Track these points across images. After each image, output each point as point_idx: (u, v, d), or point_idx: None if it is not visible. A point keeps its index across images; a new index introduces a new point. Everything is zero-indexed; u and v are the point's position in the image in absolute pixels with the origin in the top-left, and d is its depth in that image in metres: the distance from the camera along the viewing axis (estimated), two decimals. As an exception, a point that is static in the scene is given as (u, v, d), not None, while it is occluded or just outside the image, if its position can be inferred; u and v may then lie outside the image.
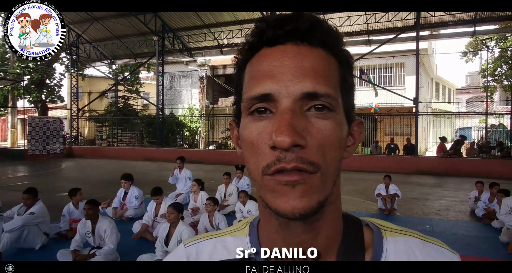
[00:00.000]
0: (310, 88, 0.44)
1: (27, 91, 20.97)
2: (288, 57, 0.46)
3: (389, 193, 6.70)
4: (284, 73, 0.45)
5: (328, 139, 0.45)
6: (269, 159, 0.44)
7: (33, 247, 4.42)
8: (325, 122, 0.45)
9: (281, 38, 0.47)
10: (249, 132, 0.47)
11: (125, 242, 4.58)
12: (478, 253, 4.53)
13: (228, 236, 0.58)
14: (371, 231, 0.55)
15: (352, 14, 14.72)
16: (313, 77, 0.45)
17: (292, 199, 0.43)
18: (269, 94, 0.45)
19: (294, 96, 0.44)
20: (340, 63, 0.50)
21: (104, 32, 19.19)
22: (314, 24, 0.48)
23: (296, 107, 0.44)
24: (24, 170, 13.66)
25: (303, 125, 0.44)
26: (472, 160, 12.44)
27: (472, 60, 22.30)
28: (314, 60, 0.46)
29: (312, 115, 0.45)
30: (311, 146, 0.44)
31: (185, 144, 21.66)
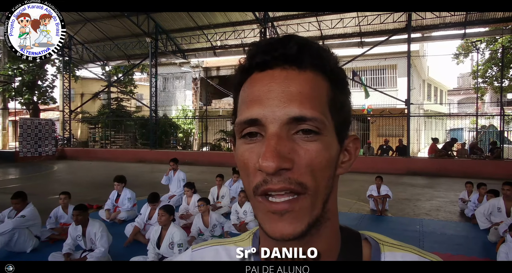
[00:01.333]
0: (296, 113, 0.45)
1: (18, 93, 20.79)
2: (276, 82, 0.47)
3: (380, 194, 6.76)
4: (271, 98, 0.46)
5: (316, 160, 0.46)
6: (257, 180, 0.46)
7: (24, 251, 4.38)
8: (312, 144, 0.46)
9: (270, 63, 0.48)
10: (241, 153, 0.49)
11: (118, 244, 4.57)
12: (468, 252, 4.60)
13: (232, 245, 0.59)
14: (370, 246, 0.55)
15: (345, 16, 14.84)
16: (299, 101, 0.46)
17: (280, 226, 0.45)
18: (256, 119, 0.47)
19: (280, 121, 0.46)
20: (332, 83, 0.51)
21: (97, 33, 19.10)
22: (303, 47, 0.48)
23: (282, 132, 0.46)
24: (15, 173, 13.54)
25: (290, 148, 0.45)
26: (462, 161, 12.59)
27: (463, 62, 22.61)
28: (301, 84, 0.47)
29: (299, 138, 0.46)
30: (299, 167, 0.45)
31: (178, 146, 21.61)
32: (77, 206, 4.08)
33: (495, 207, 5.26)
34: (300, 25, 15.62)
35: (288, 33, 0.52)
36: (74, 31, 19.11)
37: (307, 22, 15.49)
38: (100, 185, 9.71)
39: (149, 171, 13.57)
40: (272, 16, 15.63)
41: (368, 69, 19.30)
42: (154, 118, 17.89)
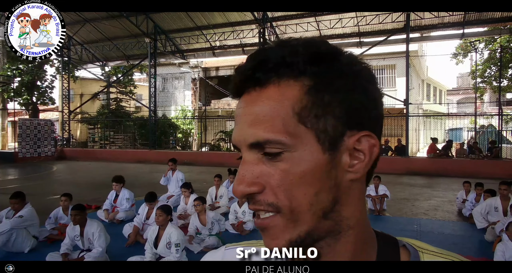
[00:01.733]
0: (252, 138, 0.44)
1: (17, 93, 20.80)
2: (242, 107, 0.47)
3: (378, 194, 6.78)
4: (239, 124, 0.47)
5: (285, 180, 0.44)
6: None
7: (22, 251, 4.40)
8: (278, 164, 0.44)
9: (239, 91, 0.48)
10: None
11: (116, 245, 4.59)
12: (464, 252, 4.61)
13: (262, 246, 0.57)
14: (408, 253, 0.52)
15: (343, 16, 14.86)
16: (256, 125, 0.44)
17: (267, 240, 0.47)
18: (235, 145, 0.48)
19: (245, 146, 0.46)
20: (311, 84, 0.45)
21: (96, 34, 19.11)
22: (256, 64, 0.45)
23: (251, 156, 0.45)
24: (14, 173, 13.55)
25: (259, 172, 0.45)
26: (461, 161, 12.62)
27: (462, 61, 22.64)
28: (259, 105, 0.45)
29: (267, 159, 0.45)
30: (271, 188, 0.44)
31: (177, 146, 21.63)
32: (75, 206, 4.09)
33: (492, 207, 5.29)
34: (299, 25, 15.64)
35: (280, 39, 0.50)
36: (73, 31, 19.12)
37: (305, 22, 15.51)
38: (99, 185, 9.72)
39: (148, 172, 13.59)
40: (271, 16, 15.66)
41: (367, 69, 19.30)
42: (153, 118, 17.90)
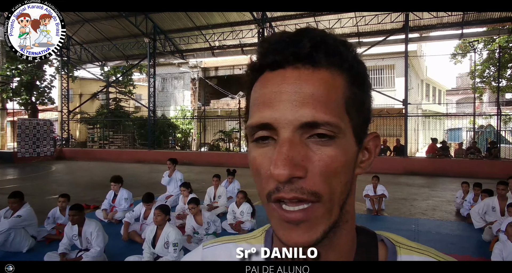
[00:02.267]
0: (309, 117, 0.43)
1: (16, 93, 20.79)
2: (287, 83, 0.44)
3: (376, 194, 6.79)
4: (283, 101, 0.44)
5: (331, 166, 0.43)
6: (270, 187, 0.44)
7: (20, 250, 4.40)
8: (327, 149, 0.43)
9: (282, 62, 0.45)
10: (253, 157, 0.46)
11: (114, 244, 4.60)
12: (461, 251, 4.63)
13: (243, 242, 0.58)
14: (386, 248, 0.53)
15: (343, 16, 14.88)
16: (312, 105, 0.43)
17: (295, 235, 0.44)
18: (267, 124, 0.44)
19: (292, 126, 0.43)
20: (350, 80, 0.47)
21: (95, 33, 19.12)
22: (317, 44, 0.45)
23: (295, 137, 0.43)
24: (13, 173, 13.55)
25: (303, 154, 0.43)
26: (460, 161, 12.63)
27: (461, 62, 22.67)
28: (315, 85, 0.44)
29: (313, 143, 0.43)
30: (312, 175, 0.43)
31: (177, 146, 21.63)
32: (73, 206, 4.09)
33: (490, 207, 5.30)
34: (298, 25, 15.51)
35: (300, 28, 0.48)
36: (73, 31, 19.12)
37: (305, 23, 15.50)
38: (98, 185, 9.73)
39: (147, 172, 13.59)
40: (270, 16, 15.66)
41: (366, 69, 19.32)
42: (152, 118, 17.91)
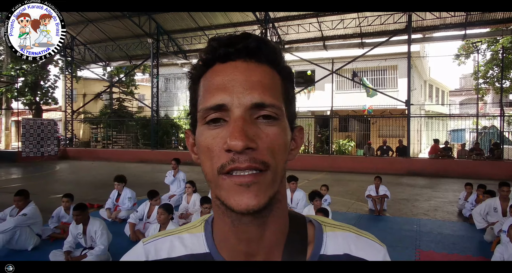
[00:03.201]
0: (258, 99, 0.50)
1: (21, 93, 20.93)
2: (239, 72, 0.52)
3: (379, 194, 6.81)
4: (236, 86, 0.51)
5: (276, 142, 0.51)
6: (223, 160, 0.49)
7: (26, 248, 4.46)
8: (272, 128, 0.51)
9: (232, 55, 0.53)
10: (204, 138, 0.52)
11: (118, 243, 4.64)
12: (463, 251, 4.65)
13: (185, 233, 0.62)
14: (314, 227, 0.61)
15: (345, 17, 14.89)
16: (260, 89, 0.51)
17: (246, 197, 0.49)
18: (222, 105, 0.50)
19: (244, 106, 0.50)
20: (283, 78, 0.56)
21: (99, 34, 19.22)
22: (261, 43, 0.53)
23: (247, 116, 0.50)
24: (17, 172, 13.64)
25: (254, 131, 0.49)
26: (462, 162, 12.62)
27: (465, 62, 22.58)
28: (261, 75, 0.52)
29: (260, 123, 0.51)
30: (262, 148, 0.50)
31: (180, 146, 21.68)
32: (77, 206, 4.13)
33: (491, 207, 5.31)
34: (301, 26, 15.68)
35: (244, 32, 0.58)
36: (76, 31, 19.23)
37: (307, 23, 15.55)
38: (102, 184, 9.79)
39: (150, 171, 13.65)
40: (273, 17, 15.70)
41: (369, 70, 19.32)
42: (155, 118, 17.98)
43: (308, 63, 16.83)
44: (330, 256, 0.58)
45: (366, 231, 0.63)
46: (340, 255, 0.58)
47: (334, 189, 8.54)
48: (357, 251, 0.59)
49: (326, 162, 14.11)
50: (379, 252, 0.60)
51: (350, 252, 0.59)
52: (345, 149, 18.01)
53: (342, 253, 0.59)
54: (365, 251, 0.59)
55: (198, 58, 0.57)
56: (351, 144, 18.25)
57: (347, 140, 18.48)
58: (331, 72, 16.14)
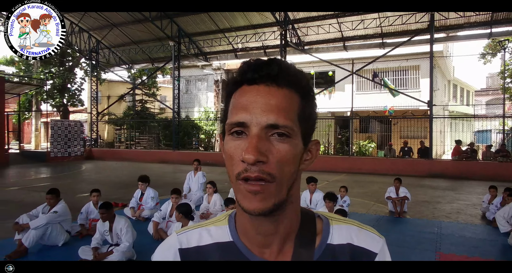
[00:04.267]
0: (273, 120, 0.59)
1: (50, 96, 21.77)
2: (260, 95, 0.61)
3: (399, 196, 6.77)
4: (255, 108, 0.60)
5: (285, 157, 0.60)
6: (239, 169, 0.60)
7: (56, 244, 4.71)
8: (284, 145, 0.60)
9: (257, 80, 0.62)
10: (228, 147, 0.63)
11: (141, 241, 4.82)
12: (484, 254, 4.58)
13: (211, 225, 0.73)
14: (321, 221, 0.72)
15: (366, 17, 14.76)
16: (276, 112, 0.60)
17: (254, 202, 0.60)
18: (243, 123, 0.60)
19: (261, 125, 0.59)
20: (302, 98, 0.65)
21: (123, 37, 19.76)
22: (282, 69, 0.63)
23: (262, 133, 0.59)
24: (46, 172, 14.22)
25: (266, 147, 0.59)
26: (488, 164, 12.28)
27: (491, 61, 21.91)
28: (279, 98, 0.61)
29: (274, 139, 0.60)
30: (272, 162, 0.59)
31: (200, 147, 22.00)
32: (102, 205, 4.34)
33: (515, 211, 5.20)
34: (321, 27, 15.64)
35: (271, 57, 0.67)
36: (101, 36, 19.86)
37: (327, 24, 15.50)
38: (125, 184, 10.10)
39: (172, 172, 13.94)
40: (293, 18, 15.73)
41: (390, 70, 19.06)
42: (176, 119, 18.33)
43: (328, 64, 16.76)
44: (335, 246, 0.69)
45: (368, 225, 0.73)
46: (343, 244, 0.69)
47: (354, 190, 8.52)
48: (358, 241, 0.69)
49: (346, 163, 14.03)
50: (378, 243, 0.70)
51: (352, 242, 0.69)
52: (366, 150, 17.82)
53: (345, 242, 0.69)
54: (365, 241, 0.69)
55: (232, 78, 0.68)
56: (371, 145, 18.05)
57: (368, 141, 18.29)
58: (351, 73, 16.04)
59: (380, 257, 0.68)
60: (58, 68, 22.63)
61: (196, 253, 0.70)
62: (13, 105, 26.62)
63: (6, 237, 5.01)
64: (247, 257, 0.67)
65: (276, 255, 0.67)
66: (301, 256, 0.67)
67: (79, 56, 22.37)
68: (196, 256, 0.70)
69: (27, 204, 7.09)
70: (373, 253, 0.68)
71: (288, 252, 0.68)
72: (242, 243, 0.69)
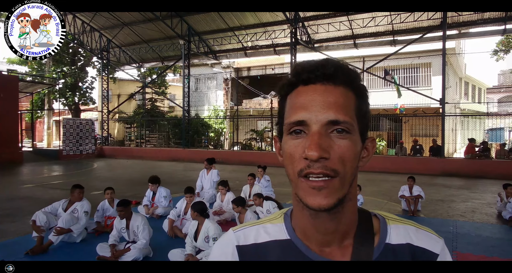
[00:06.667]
0: (333, 117, 0.61)
1: (62, 94, 22.04)
2: (318, 93, 0.63)
3: (412, 195, 6.72)
4: (314, 106, 0.62)
5: (346, 153, 0.61)
6: (302, 166, 0.61)
7: (75, 241, 4.79)
8: (344, 141, 0.62)
9: (313, 79, 0.64)
10: (288, 146, 0.64)
11: (157, 238, 4.87)
12: (502, 254, 4.53)
13: (267, 223, 0.74)
14: (378, 220, 0.72)
15: (377, 15, 14.63)
16: (335, 108, 0.61)
17: (318, 198, 0.60)
18: (303, 121, 0.62)
19: (321, 122, 0.61)
20: (357, 96, 0.66)
21: (133, 36, 19.90)
22: (337, 68, 0.64)
23: (322, 130, 0.61)
24: (59, 170, 14.41)
25: (328, 143, 0.60)
26: (501, 162, 12.12)
27: (503, 58, 21.54)
28: (336, 96, 0.63)
29: (334, 136, 0.61)
30: (333, 158, 0.60)
31: (210, 145, 22.08)
32: (120, 203, 4.39)
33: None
34: (331, 24, 15.54)
35: (325, 58, 0.68)
36: (112, 35, 20.02)
37: (337, 22, 15.40)
38: (137, 182, 10.19)
39: (182, 170, 14.02)
40: (303, 16, 15.66)
41: (401, 68, 18.89)
42: (186, 118, 18.41)
43: (338, 62, 16.64)
44: (394, 245, 0.68)
45: (426, 227, 0.73)
46: (403, 244, 0.68)
47: (366, 189, 8.47)
48: (418, 241, 0.68)
49: (357, 161, 13.92)
50: (438, 243, 0.69)
51: (412, 242, 0.68)
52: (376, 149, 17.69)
53: (404, 242, 0.68)
54: (425, 242, 0.68)
55: (286, 80, 0.70)
56: (382, 144, 17.92)
57: (378, 139, 18.16)
58: (362, 70, 15.93)
59: (442, 258, 0.68)
60: (70, 67, 22.88)
61: (254, 250, 0.71)
62: (26, 103, 27.03)
63: (26, 233, 5.11)
64: (306, 255, 0.68)
65: (336, 253, 0.68)
66: (360, 254, 0.67)
67: (91, 55, 22.58)
68: (253, 253, 0.71)
69: (44, 201, 7.20)
70: (434, 253, 0.68)
71: (348, 251, 0.68)
72: (300, 241, 0.69)
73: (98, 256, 4.29)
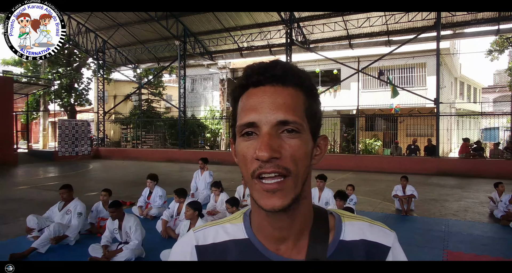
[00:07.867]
0: (282, 117, 0.62)
1: (58, 96, 21.97)
2: (267, 95, 0.64)
3: (405, 194, 6.76)
4: (264, 107, 0.63)
5: (297, 152, 0.63)
6: (254, 166, 0.62)
7: (67, 243, 4.78)
8: (294, 140, 0.63)
9: (263, 81, 0.65)
10: (241, 148, 0.65)
11: (150, 239, 4.87)
12: (493, 253, 4.57)
13: (227, 223, 0.75)
14: (334, 218, 0.74)
15: (371, 15, 14.69)
16: (284, 109, 0.62)
17: (272, 200, 0.62)
18: (253, 122, 0.63)
19: (271, 123, 0.62)
20: (307, 96, 0.67)
21: (129, 37, 19.87)
22: (286, 70, 0.66)
23: (272, 131, 0.62)
24: (55, 171, 14.36)
25: (278, 143, 0.61)
26: (495, 161, 12.20)
27: (498, 58, 21.69)
28: (285, 97, 0.64)
29: (285, 136, 0.63)
30: (285, 157, 0.61)
31: (206, 146, 22.07)
32: (112, 204, 4.39)
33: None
34: (326, 25, 15.59)
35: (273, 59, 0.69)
36: (108, 36, 19.98)
37: (333, 22, 15.44)
38: (133, 183, 10.18)
39: (178, 170, 14.02)
40: (298, 17, 15.70)
41: (396, 68, 18.97)
42: (182, 118, 18.41)
43: (333, 62, 16.73)
44: (348, 242, 0.70)
45: (380, 222, 0.75)
46: (357, 240, 0.70)
47: (360, 188, 8.52)
48: (371, 236, 0.71)
49: (352, 161, 14.00)
50: (389, 236, 0.72)
51: (366, 237, 0.71)
52: (372, 149, 17.76)
53: (358, 238, 0.71)
54: (377, 236, 0.71)
55: (237, 82, 0.71)
56: (377, 144, 17.99)
57: (374, 139, 18.23)
58: (357, 71, 15.99)
59: (393, 250, 0.71)
60: (66, 68, 22.82)
61: (212, 249, 0.72)
62: (21, 105, 26.91)
63: (17, 235, 5.10)
64: (262, 253, 0.69)
65: (291, 251, 0.69)
66: (315, 252, 0.68)
67: (86, 56, 22.53)
68: (212, 252, 0.72)
69: (38, 203, 7.19)
70: (386, 246, 0.70)
71: (303, 248, 0.69)
72: (257, 240, 0.71)
73: (90, 257, 4.28)
